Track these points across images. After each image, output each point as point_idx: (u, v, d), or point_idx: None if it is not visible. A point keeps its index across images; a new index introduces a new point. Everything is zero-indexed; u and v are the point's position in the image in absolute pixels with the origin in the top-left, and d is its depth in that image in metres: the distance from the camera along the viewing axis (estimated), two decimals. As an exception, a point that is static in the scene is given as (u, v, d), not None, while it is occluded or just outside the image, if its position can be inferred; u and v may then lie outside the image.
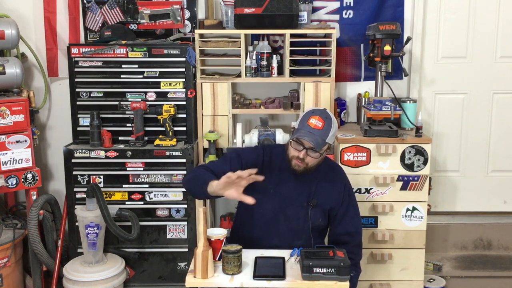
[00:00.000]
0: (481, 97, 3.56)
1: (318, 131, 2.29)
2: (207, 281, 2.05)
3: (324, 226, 2.52)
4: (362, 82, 3.53)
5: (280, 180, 2.44)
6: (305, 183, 2.44)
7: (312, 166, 2.38)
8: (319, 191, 2.45)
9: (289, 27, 3.11)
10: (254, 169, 2.12)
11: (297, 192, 2.44)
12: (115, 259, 3.08)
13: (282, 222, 2.43)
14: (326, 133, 2.31)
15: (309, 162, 2.35)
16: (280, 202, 2.43)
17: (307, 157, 2.33)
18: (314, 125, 2.29)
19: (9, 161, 2.98)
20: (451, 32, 3.49)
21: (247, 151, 2.54)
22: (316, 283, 2.03)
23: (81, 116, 3.20)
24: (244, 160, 2.43)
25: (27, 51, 3.38)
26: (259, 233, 2.44)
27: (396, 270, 3.15)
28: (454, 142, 3.61)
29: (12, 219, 3.24)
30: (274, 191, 2.43)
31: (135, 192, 3.13)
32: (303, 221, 2.43)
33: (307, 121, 2.31)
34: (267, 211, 2.43)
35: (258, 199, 2.36)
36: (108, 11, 3.36)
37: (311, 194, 2.44)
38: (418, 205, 3.10)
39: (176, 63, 3.14)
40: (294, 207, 2.43)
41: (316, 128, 2.29)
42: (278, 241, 2.41)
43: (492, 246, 3.65)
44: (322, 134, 2.30)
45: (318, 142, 2.29)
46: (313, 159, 2.34)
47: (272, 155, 2.49)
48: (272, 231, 2.43)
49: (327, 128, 2.31)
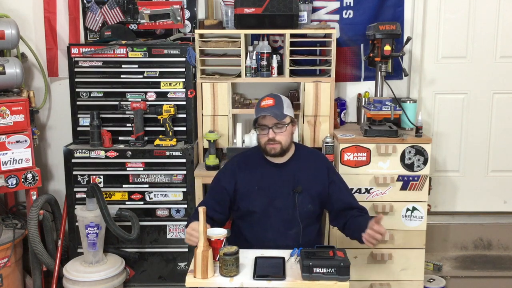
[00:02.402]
0: (481, 97, 3.56)
1: (271, 107, 2.42)
2: (207, 281, 2.05)
3: (315, 212, 2.55)
4: (362, 82, 3.53)
5: (262, 176, 2.51)
6: (287, 173, 2.51)
7: (287, 144, 2.46)
8: (302, 178, 2.50)
9: (289, 27, 3.11)
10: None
11: (281, 183, 2.49)
12: (115, 259, 3.08)
13: (273, 215, 2.47)
14: (280, 105, 2.44)
15: (281, 140, 2.43)
16: (267, 197, 2.48)
17: (277, 135, 2.42)
18: (266, 104, 2.44)
19: (9, 161, 2.98)
20: (451, 32, 3.49)
21: (224, 168, 2.63)
22: (316, 283, 2.03)
23: (81, 116, 3.20)
24: (224, 180, 2.54)
25: (27, 51, 3.38)
26: (255, 230, 2.49)
27: (396, 270, 3.15)
28: (454, 142, 3.61)
29: (12, 219, 3.24)
30: (258, 188, 2.49)
31: (135, 192, 3.13)
32: (292, 210, 2.47)
33: (259, 106, 2.47)
34: (257, 208, 2.48)
35: (246, 200, 2.42)
36: (108, 11, 3.36)
37: (295, 182, 2.49)
38: (418, 205, 3.10)
39: (176, 63, 3.14)
40: (281, 198, 2.48)
41: (268, 105, 2.43)
42: (272, 234, 2.45)
43: (492, 246, 3.65)
44: (276, 107, 2.43)
45: (277, 113, 2.41)
46: (282, 135, 2.43)
47: (247, 157, 2.62)
48: (266, 225, 2.47)
49: (279, 102, 2.45)
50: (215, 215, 2.44)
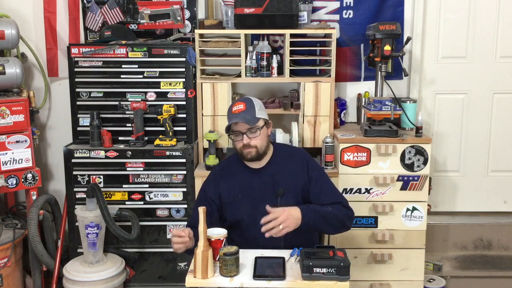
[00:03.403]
0: (481, 97, 3.56)
1: (242, 112, 2.37)
2: (207, 281, 2.05)
3: None
4: (362, 82, 3.53)
5: (244, 183, 2.47)
6: (267, 177, 2.47)
7: (263, 147, 2.42)
8: (283, 179, 2.46)
9: (289, 27, 3.11)
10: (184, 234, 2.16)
11: (263, 188, 2.45)
12: (115, 259, 3.08)
13: (261, 220, 2.42)
14: (252, 109, 2.39)
15: (257, 144, 2.39)
16: (251, 203, 2.44)
17: (251, 140, 2.38)
18: (237, 110, 2.39)
19: (9, 161, 2.98)
20: (451, 32, 3.49)
21: (208, 180, 2.58)
22: (316, 283, 2.03)
23: (81, 116, 3.20)
24: (210, 191, 2.49)
25: (27, 51, 3.39)
26: (245, 237, 2.45)
27: (396, 270, 3.15)
28: (454, 142, 3.61)
29: (12, 219, 3.24)
30: (241, 195, 2.46)
31: (135, 192, 3.13)
32: None
33: (231, 112, 2.42)
34: (244, 215, 2.44)
35: (231, 209, 2.43)
36: (108, 11, 3.36)
37: (276, 185, 2.45)
38: (418, 205, 3.10)
39: (176, 63, 3.14)
40: (265, 202, 2.39)
41: (240, 110, 2.38)
42: (263, 240, 2.40)
43: (492, 246, 3.65)
44: (248, 112, 2.38)
45: (248, 118, 2.36)
46: (257, 139, 2.39)
47: (227, 165, 2.59)
48: (255, 231, 2.41)
49: (250, 106, 2.40)
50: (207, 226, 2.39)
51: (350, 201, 2.47)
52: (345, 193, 3.06)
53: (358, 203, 3.05)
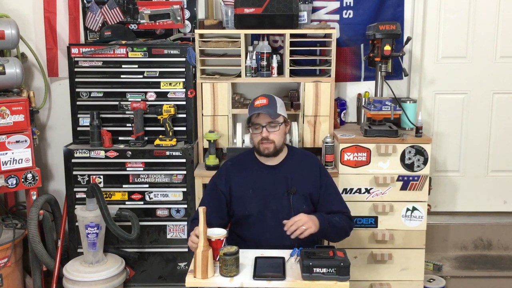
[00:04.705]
0: (481, 97, 3.56)
1: (265, 106, 2.42)
2: (207, 281, 2.05)
3: (310, 212, 2.52)
4: (362, 82, 3.53)
5: (256, 179, 2.50)
6: (280, 174, 2.50)
7: (280, 143, 2.46)
8: (296, 178, 2.50)
9: (289, 27, 3.11)
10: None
11: (275, 185, 2.48)
12: (115, 259, 3.08)
13: (270, 217, 2.46)
14: (274, 105, 2.44)
15: (275, 139, 2.44)
16: (262, 199, 2.47)
17: (270, 134, 2.43)
18: (260, 104, 2.43)
19: (9, 161, 2.98)
20: (451, 32, 3.49)
21: (219, 173, 2.60)
22: (316, 283, 2.03)
23: (81, 116, 3.20)
24: (221, 185, 2.51)
25: (27, 51, 3.38)
26: (251, 233, 2.47)
27: (396, 270, 3.15)
28: (454, 142, 3.61)
29: (12, 219, 3.24)
30: (253, 191, 2.48)
31: (135, 192, 3.13)
32: (288, 211, 2.45)
33: (253, 105, 2.46)
34: (253, 210, 2.47)
35: (241, 203, 2.44)
36: (108, 11, 3.36)
37: (289, 183, 2.48)
38: (418, 205, 3.10)
39: (176, 63, 3.14)
40: (277, 199, 2.47)
41: (262, 105, 2.43)
42: (269, 236, 2.44)
43: (492, 246, 3.65)
44: (270, 106, 2.43)
45: (270, 112, 2.41)
46: (276, 134, 2.43)
47: (240, 160, 2.61)
48: (263, 227, 2.46)
49: (272, 102, 2.45)
50: (216, 220, 2.40)
51: (350, 201, 2.50)
52: (345, 193, 3.06)
53: (358, 203, 3.05)
